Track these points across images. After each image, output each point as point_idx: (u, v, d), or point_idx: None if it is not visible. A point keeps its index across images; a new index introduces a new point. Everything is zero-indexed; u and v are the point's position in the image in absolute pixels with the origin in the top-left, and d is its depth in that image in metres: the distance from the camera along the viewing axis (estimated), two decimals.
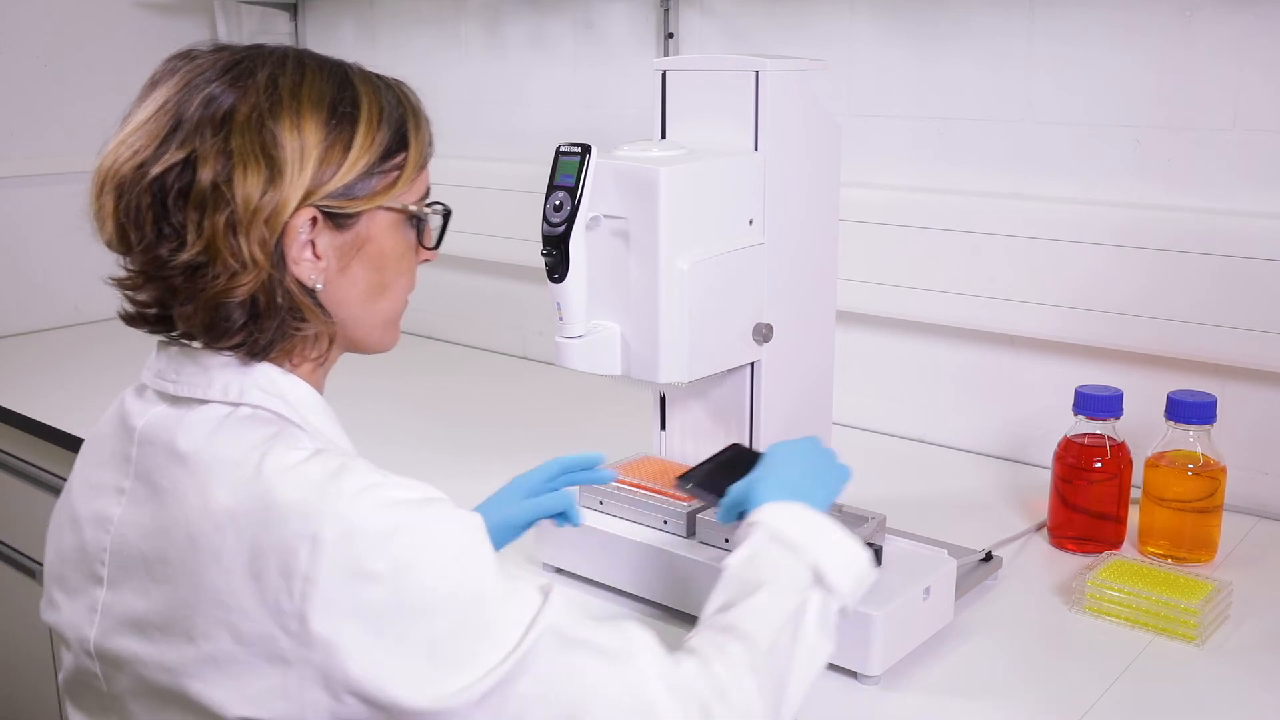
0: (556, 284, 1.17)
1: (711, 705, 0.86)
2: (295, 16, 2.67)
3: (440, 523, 0.83)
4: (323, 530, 0.80)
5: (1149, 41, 1.56)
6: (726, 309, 1.26)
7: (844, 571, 0.96)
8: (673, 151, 1.22)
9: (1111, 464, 1.39)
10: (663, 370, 1.20)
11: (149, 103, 0.90)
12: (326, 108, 0.90)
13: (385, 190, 0.93)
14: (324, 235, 0.90)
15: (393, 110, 0.95)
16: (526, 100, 2.29)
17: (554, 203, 1.16)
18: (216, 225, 0.85)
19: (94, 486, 0.95)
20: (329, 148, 0.89)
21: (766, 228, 1.28)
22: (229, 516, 0.83)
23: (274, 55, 0.92)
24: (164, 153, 0.86)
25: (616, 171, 1.18)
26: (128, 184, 0.87)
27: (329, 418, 0.95)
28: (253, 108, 0.87)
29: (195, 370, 0.91)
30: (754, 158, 1.26)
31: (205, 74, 0.89)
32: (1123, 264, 1.57)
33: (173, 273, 0.87)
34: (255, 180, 0.86)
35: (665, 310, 1.19)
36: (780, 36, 1.90)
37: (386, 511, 0.81)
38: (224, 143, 0.86)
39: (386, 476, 0.84)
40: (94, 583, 0.92)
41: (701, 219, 1.22)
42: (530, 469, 1.24)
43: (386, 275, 0.97)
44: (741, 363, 1.30)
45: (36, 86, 2.50)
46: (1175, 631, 1.21)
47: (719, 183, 1.23)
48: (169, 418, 0.91)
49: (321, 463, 0.84)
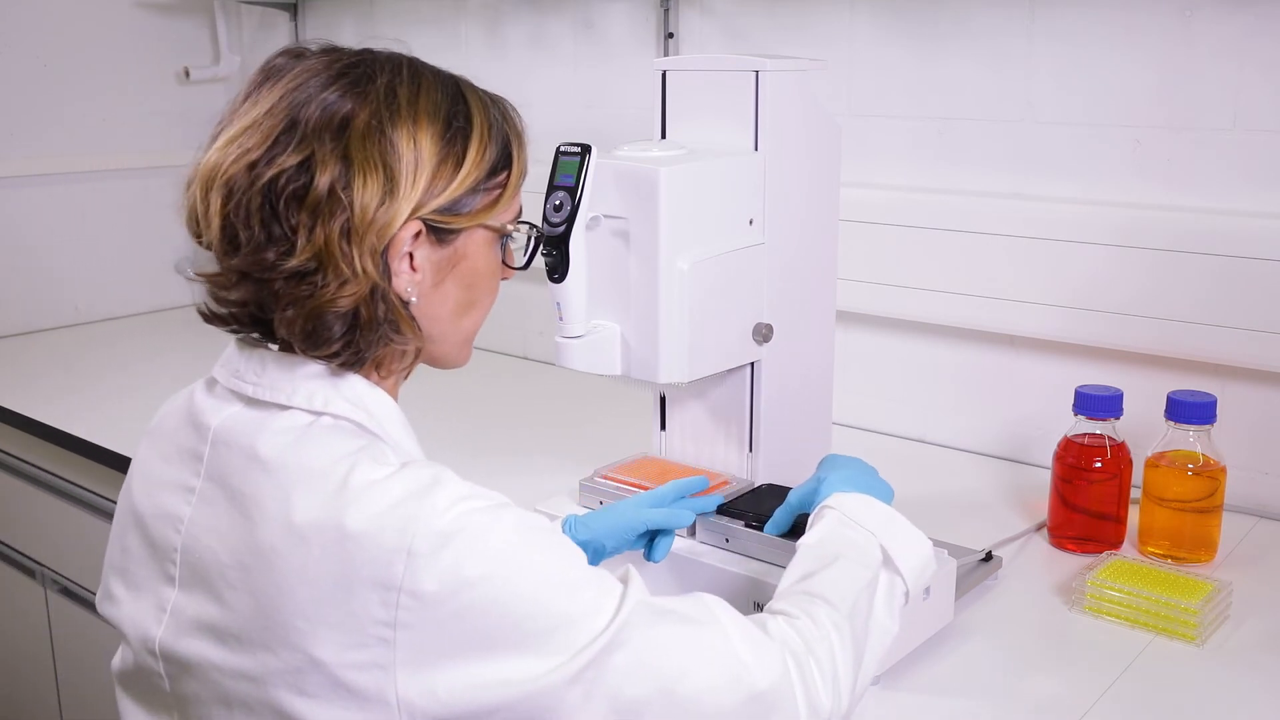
0: (556, 284, 1.17)
1: (802, 657, 0.89)
2: (295, 16, 2.67)
3: (524, 523, 0.85)
4: (416, 544, 0.80)
5: (1149, 41, 1.56)
6: (726, 309, 1.26)
7: (912, 557, 1.02)
8: (673, 151, 1.22)
9: (1111, 464, 1.39)
10: (663, 370, 1.20)
11: (258, 102, 0.88)
12: (442, 121, 0.90)
13: (487, 208, 0.93)
14: (423, 249, 0.90)
15: (499, 127, 0.95)
16: (526, 100, 2.27)
17: (554, 203, 1.16)
18: (330, 232, 0.84)
19: (158, 482, 0.94)
20: (442, 161, 0.89)
21: (766, 228, 1.28)
22: (315, 530, 0.82)
23: (390, 62, 0.91)
24: (278, 154, 0.85)
25: (616, 171, 1.18)
26: (238, 184, 0.86)
27: (407, 431, 0.94)
28: (372, 115, 0.86)
29: (281, 375, 0.90)
30: (754, 158, 1.26)
31: (319, 76, 0.88)
32: (1123, 264, 1.57)
33: (277, 276, 0.86)
34: (374, 189, 0.85)
35: (665, 310, 1.19)
36: (780, 36, 1.90)
37: (473, 518, 0.82)
38: (343, 149, 0.85)
39: (473, 489, 0.85)
40: (165, 582, 0.91)
41: (701, 219, 1.22)
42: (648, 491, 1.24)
43: (476, 293, 0.97)
44: (741, 363, 1.30)
45: (36, 86, 2.49)
46: (1175, 631, 1.21)
47: (719, 183, 1.23)
48: (248, 420, 0.90)
49: (408, 479, 0.83)
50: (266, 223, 0.85)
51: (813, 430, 1.41)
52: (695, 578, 1.22)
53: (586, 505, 1.34)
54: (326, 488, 0.83)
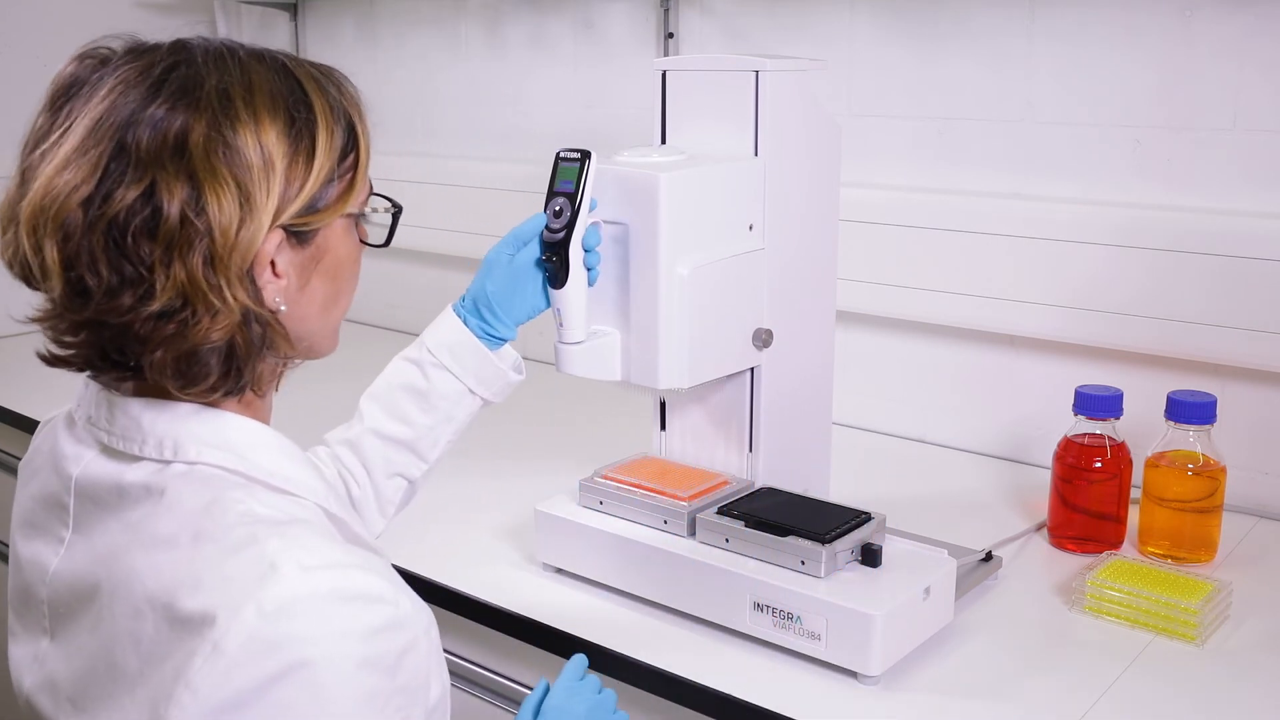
0: (556, 290, 1.17)
1: None
2: (295, 16, 2.67)
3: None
4: (225, 640, 0.71)
5: (1149, 41, 1.56)
6: (726, 314, 1.26)
7: None
8: (673, 157, 1.22)
9: (1111, 464, 1.39)
10: (663, 376, 1.20)
11: (70, 126, 0.78)
12: (284, 114, 0.81)
13: (343, 196, 0.85)
14: (284, 254, 0.82)
15: (339, 106, 0.86)
16: (526, 100, 2.29)
17: (554, 208, 1.16)
18: (192, 264, 0.76)
19: (33, 525, 0.89)
20: (292, 161, 0.80)
21: (766, 232, 1.28)
22: (150, 605, 0.76)
23: (211, 56, 0.81)
24: (114, 187, 0.75)
25: (616, 177, 1.18)
26: (73, 225, 0.75)
27: (284, 451, 0.85)
28: (210, 125, 0.77)
29: (130, 423, 0.83)
30: (754, 163, 1.26)
31: (137, 88, 0.78)
32: (1123, 264, 1.57)
33: (136, 319, 0.77)
34: (230, 207, 0.76)
35: (665, 316, 1.19)
36: (780, 36, 1.90)
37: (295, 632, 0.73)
38: (188, 169, 0.76)
39: (313, 561, 0.75)
40: (41, 631, 0.87)
41: (701, 224, 1.22)
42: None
43: (340, 283, 0.89)
44: (741, 368, 1.30)
45: (36, 86, 2.49)
46: (1175, 631, 1.21)
47: (719, 188, 1.23)
48: (107, 472, 0.83)
49: (242, 558, 0.75)
50: (116, 264, 0.75)
51: (813, 431, 1.41)
52: (695, 578, 1.22)
53: (587, 505, 1.34)
54: (173, 559, 0.76)
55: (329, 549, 0.77)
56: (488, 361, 1.14)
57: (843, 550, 1.17)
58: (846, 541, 1.18)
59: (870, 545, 1.18)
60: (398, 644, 0.76)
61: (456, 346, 1.14)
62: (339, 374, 1.29)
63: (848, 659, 1.12)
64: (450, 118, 2.42)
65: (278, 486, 0.83)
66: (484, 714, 1.33)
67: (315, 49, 2.66)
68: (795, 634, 1.15)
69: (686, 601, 1.24)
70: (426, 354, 1.14)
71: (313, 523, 0.81)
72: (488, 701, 1.33)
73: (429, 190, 2.33)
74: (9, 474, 2.10)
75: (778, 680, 1.14)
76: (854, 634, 1.11)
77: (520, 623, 1.27)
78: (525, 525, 1.42)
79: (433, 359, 1.14)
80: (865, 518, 1.22)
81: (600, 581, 1.32)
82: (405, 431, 1.14)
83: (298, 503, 0.83)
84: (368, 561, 0.77)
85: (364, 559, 0.77)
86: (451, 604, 1.32)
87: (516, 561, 1.40)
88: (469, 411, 1.16)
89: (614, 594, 1.31)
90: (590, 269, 1.17)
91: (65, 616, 0.84)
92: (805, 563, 1.16)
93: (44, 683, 0.85)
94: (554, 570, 1.36)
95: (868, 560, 1.18)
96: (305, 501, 0.83)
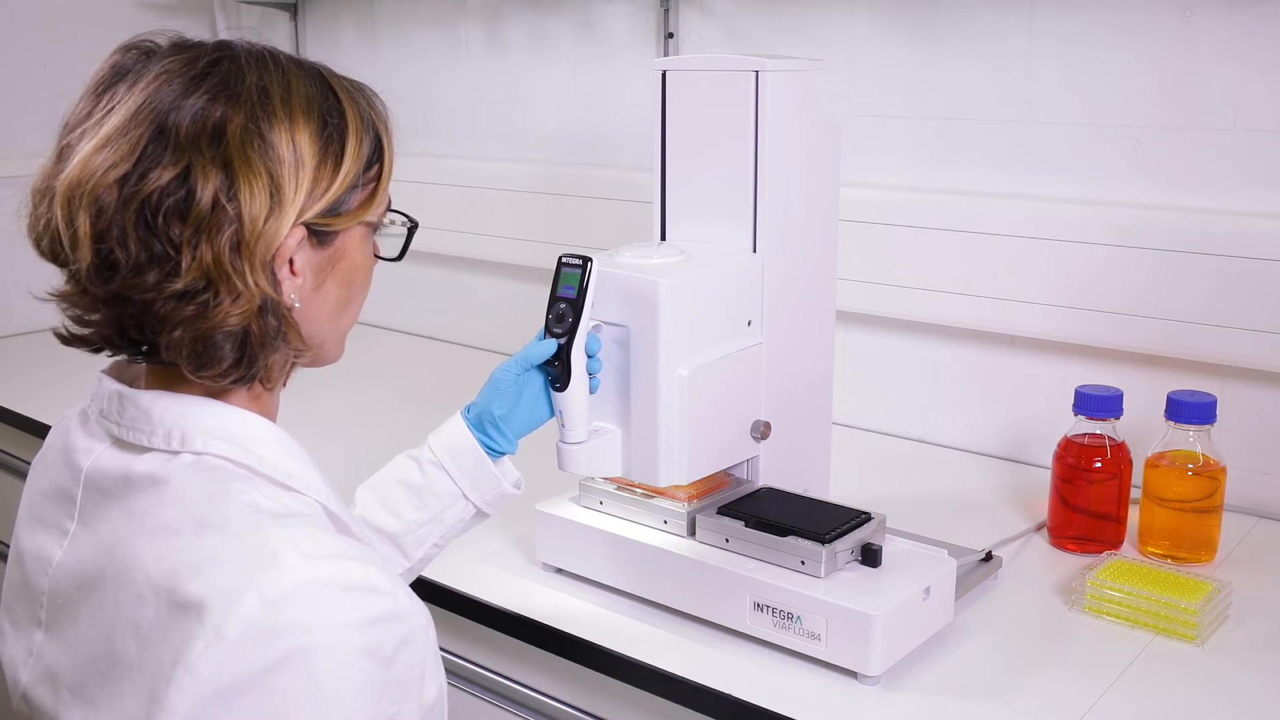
0: (558, 392, 1.18)
1: None
2: (295, 16, 2.67)
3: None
4: (226, 626, 0.73)
5: (1149, 41, 1.56)
6: (725, 411, 1.27)
7: None
8: (672, 258, 1.23)
9: (1111, 464, 1.39)
10: (662, 474, 1.21)
11: (113, 108, 0.81)
12: (317, 118, 0.85)
13: (364, 204, 0.89)
14: (304, 252, 0.85)
15: (369, 118, 0.90)
16: (526, 100, 2.29)
17: (556, 312, 1.17)
18: (219, 248, 0.79)
19: (39, 519, 0.90)
20: (321, 161, 0.84)
21: (765, 326, 1.29)
22: (153, 590, 0.77)
23: (253, 57, 0.85)
24: (150, 167, 0.78)
25: (617, 281, 1.19)
26: (108, 201, 0.78)
27: (287, 448, 0.87)
28: (248, 118, 0.80)
29: (136, 413, 0.85)
30: (753, 259, 1.27)
31: (180, 77, 0.81)
32: (1123, 264, 1.57)
33: (159, 298, 0.79)
34: (260, 198, 0.80)
35: (665, 416, 1.19)
36: (780, 36, 1.90)
37: (300, 619, 0.75)
38: (223, 157, 0.79)
39: (314, 551, 0.77)
40: (35, 624, 0.88)
41: (700, 325, 1.23)
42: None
43: (353, 290, 0.92)
44: (739, 460, 1.31)
45: (36, 86, 2.50)
46: (1175, 631, 1.21)
47: (718, 289, 1.25)
48: (115, 464, 0.85)
49: (244, 545, 0.76)
50: (145, 241, 0.78)
51: (813, 431, 1.41)
52: (695, 578, 1.22)
53: (587, 505, 1.34)
54: (176, 546, 0.78)
55: (330, 540, 0.79)
56: (485, 469, 1.16)
57: (843, 550, 1.17)
58: (846, 541, 1.18)
59: (870, 545, 1.18)
60: (395, 635, 0.78)
61: (457, 450, 1.16)
62: (332, 372, 1.28)
63: (848, 659, 1.13)
64: (450, 118, 2.42)
65: (281, 481, 0.84)
66: (484, 714, 1.33)
67: (315, 49, 2.66)
68: (795, 634, 1.15)
69: (686, 601, 1.24)
70: (427, 451, 1.16)
71: (313, 517, 0.83)
72: (488, 701, 1.33)
73: (429, 190, 2.33)
74: (10, 474, 2.10)
75: (778, 680, 1.14)
76: (854, 634, 1.11)
77: (520, 623, 1.27)
78: (525, 525, 1.42)
79: (432, 457, 1.16)
80: (865, 518, 1.22)
81: (600, 581, 1.32)
82: (393, 524, 1.15)
83: (300, 499, 0.84)
84: (367, 554, 0.80)
85: (364, 552, 0.80)
86: (451, 604, 1.32)
87: (516, 561, 1.40)
88: (459, 517, 1.16)
89: (614, 594, 1.31)
90: (592, 375, 1.19)
91: (64, 607, 0.85)
92: (805, 563, 1.16)
93: (42, 675, 0.86)
94: (554, 570, 1.36)
95: (868, 560, 1.18)
96: (307, 498, 0.85)
